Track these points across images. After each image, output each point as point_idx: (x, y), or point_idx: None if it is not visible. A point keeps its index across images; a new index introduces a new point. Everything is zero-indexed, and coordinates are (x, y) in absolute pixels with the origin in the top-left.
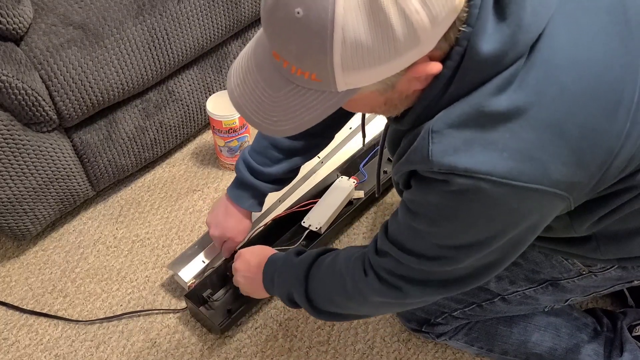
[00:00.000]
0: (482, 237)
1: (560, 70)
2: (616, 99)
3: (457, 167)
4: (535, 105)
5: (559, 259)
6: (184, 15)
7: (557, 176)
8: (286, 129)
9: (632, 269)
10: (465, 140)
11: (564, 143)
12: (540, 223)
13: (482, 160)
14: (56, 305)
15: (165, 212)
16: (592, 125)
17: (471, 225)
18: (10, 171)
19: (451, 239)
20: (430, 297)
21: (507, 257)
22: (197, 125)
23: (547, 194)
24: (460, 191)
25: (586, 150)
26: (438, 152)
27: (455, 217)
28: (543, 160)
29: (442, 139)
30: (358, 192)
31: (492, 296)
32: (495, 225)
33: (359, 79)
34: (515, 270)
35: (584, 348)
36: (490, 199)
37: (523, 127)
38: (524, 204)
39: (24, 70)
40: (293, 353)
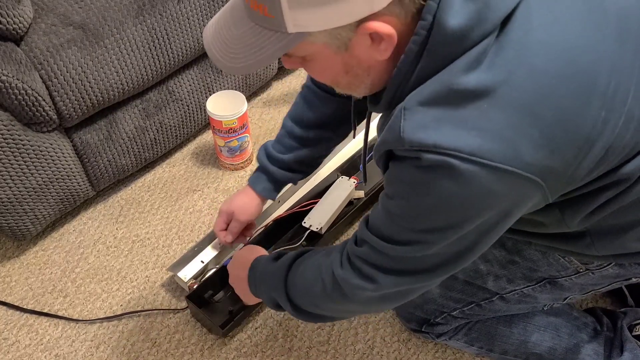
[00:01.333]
0: (453, 219)
1: (532, 53)
2: (590, 85)
3: (427, 143)
4: (504, 85)
5: (556, 257)
6: (184, 15)
7: (529, 159)
8: (240, 67)
9: (629, 266)
10: (435, 118)
11: (535, 125)
12: (513, 211)
13: (450, 137)
14: (56, 305)
15: (165, 212)
16: (565, 110)
17: (442, 204)
18: (10, 171)
19: (423, 221)
20: (403, 287)
21: (478, 245)
22: (197, 125)
23: (519, 178)
24: (430, 167)
25: (560, 135)
26: (409, 128)
27: (427, 195)
28: (513, 141)
29: (413, 115)
30: (358, 192)
31: (491, 295)
32: (466, 205)
33: (307, 20)
34: (512, 268)
35: (583, 348)
36: (460, 177)
37: (492, 107)
38: (495, 185)
39: (24, 70)
40: (293, 353)
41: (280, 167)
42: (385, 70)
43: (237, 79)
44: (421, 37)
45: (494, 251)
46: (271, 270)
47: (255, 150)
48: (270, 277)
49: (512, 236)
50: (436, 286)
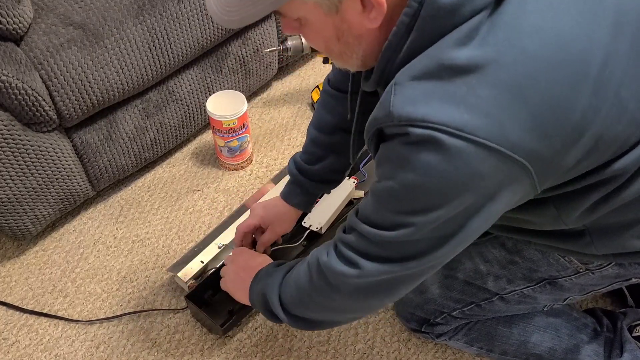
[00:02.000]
0: (437, 198)
1: (524, 36)
2: (581, 72)
3: (415, 117)
4: (494, 64)
5: (556, 257)
6: (184, 15)
7: (515, 139)
8: (234, 20)
9: (630, 265)
10: (424, 92)
11: (523, 107)
12: (499, 195)
13: (439, 111)
14: (56, 305)
15: (165, 212)
16: (555, 95)
17: (427, 181)
18: (10, 171)
19: (408, 202)
20: (388, 276)
21: (463, 232)
22: (197, 125)
23: (505, 158)
24: (417, 142)
25: (549, 120)
26: (398, 103)
27: (412, 171)
28: (500, 120)
29: (403, 90)
30: (358, 191)
31: (491, 295)
32: (451, 184)
33: None
34: (512, 269)
35: (583, 348)
36: (446, 153)
37: (481, 83)
38: (480, 165)
39: (24, 70)
40: (293, 353)
41: (312, 179)
42: (376, 42)
43: (237, 79)
44: (413, 9)
45: (493, 251)
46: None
47: (255, 150)
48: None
49: (512, 236)
50: (436, 286)
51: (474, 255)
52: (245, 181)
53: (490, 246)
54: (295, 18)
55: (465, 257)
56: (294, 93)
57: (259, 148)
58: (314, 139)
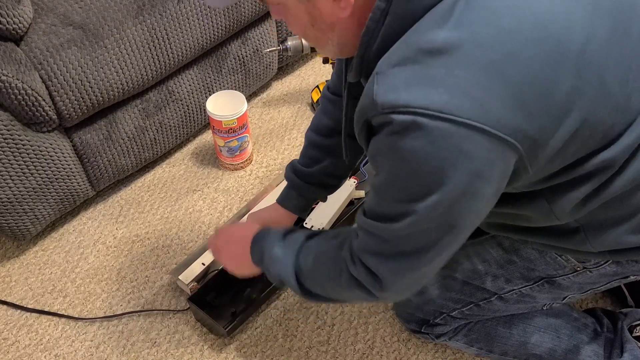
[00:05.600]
0: (430, 182)
1: (500, 14)
2: (562, 50)
3: (398, 103)
4: (471, 43)
5: (553, 256)
6: (184, 15)
7: (499, 117)
8: None
9: (627, 263)
10: (405, 79)
11: (504, 84)
12: (490, 174)
13: (419, 96)
14: (56, 305)
15: (165, 212)
16: (536, 72)
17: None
18: (10, 171)
19: (405, 189)
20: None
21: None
22: (197, 125)
23: (491, 136)
24: (402, 130)
25: (531, 96)
26: (381, 91)
27: (402, 159)
28: (481, 99)
29: (386, 79)
30: (359, 192)
31: (489, 295)
32: (440, 166)
33: None
34: (510, 268)
35: (583, 349)
36: (430, 136)
37: (458, 64)
38: (466, 143)
39: (24, 70)
40: (293, 353)
41: (308, 182)
42: (351, 31)
43: (237, 79)
44: None
45: (491, 251)
46: (279, 254)
47: (255, 150)
48: (279, 260)
49: (509, 235)
50: (435, 287)
51: (472, 255)
52: (245, 181)
53: (487, 246)
54: (276, 3)
55: (464, 258)
56: (293, 93)
57: (258, 148)
58: (311, 142)
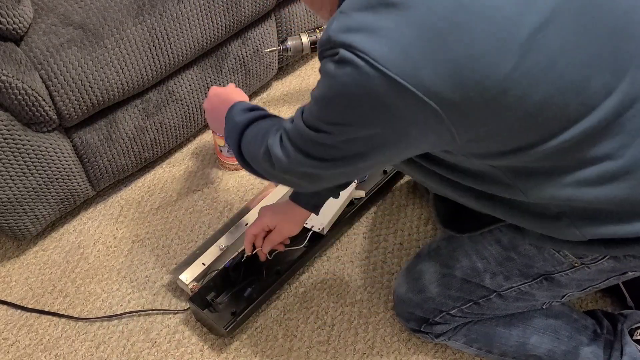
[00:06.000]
0: (349, 116)
1: None
2: (510, 32)
3: (344, 41)
4: (425, 6)
5: (551, 252)
6: (184, 15)
7: (427, 82)
8: None
9: (624, 258)
10: (359, 22)
11: (443, 53)
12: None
13: (364, 41)
14: (56, 305)
15: (165, 212)
16: (479, 48)
17: (341, 98)
18: (10, 171)
19: (326, 112)
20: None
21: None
22: (197, 125)
23: (416, 99)
24: (340, 62)
25: (467, 71)
26: (336, 28)
27: (330, 87)
28: (416, 60)
29: (344, 18)
30: (359, 192)
31: (488, 293)
32: (357, 106)
33: None
34: (509, 265)
35: (583, 350)
36: (360, 78)
37: (408, 22)
38: (390, 97)
39: (24, 70)
40: (293, 353)
41: None
42: None
43: (237, 79)
44: None
45: (489, 248)
46: (239, 119)
47: None
48: (236, 124)
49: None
50: (434, 285)
51: (470, 252)
52: (245, 181)
53: (486, 243)
54: None
55: (462, 255)
56: (294, 93)
57: None
58: None
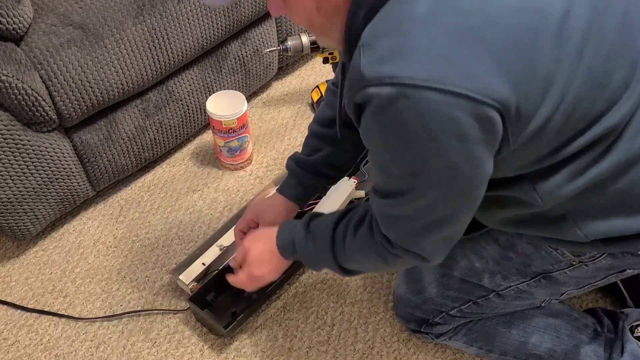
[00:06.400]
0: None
1: None
2: (541, 20)
3: (383, 75)
4: (452, 11)
5: (548, 250)
6: (184, 15)
7: (483, 82)
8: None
9: (622, 255)
10: (389, 49)
11: (486, 51)
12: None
13: (403, 66)
14: (56, 305)
15: (165, 212)
16: (517, 39)
17: (412, 138)
18: (10, 171)
19: (403, 163)
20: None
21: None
22: (197, 125)
23: (477, 102)
24: (389, 103)
25: (514, 64)
26: (367, 63)
27: (395, 133)
28: (463, 64)
29: (370, 51)
30: (359, 192)
31: (487, 292)
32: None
33: None
34: (507, 264)
35: (583, 349)
36: (418, 106)
37: (441, 32)
38: (453, 110)
39: (24, 70)
40: (293, 353)
41: (309, 171)
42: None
43: (237, 79)
44: None
45: (487, 247)
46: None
47: (255, 150)
48: (314, 254)
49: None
50: (433, 286)
51: (468, 252)
52: (245, 181)
53: (484, 242)
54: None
55: (461, 255)
56: (294, 93)
57: (259, 148)
58: (313, 132)
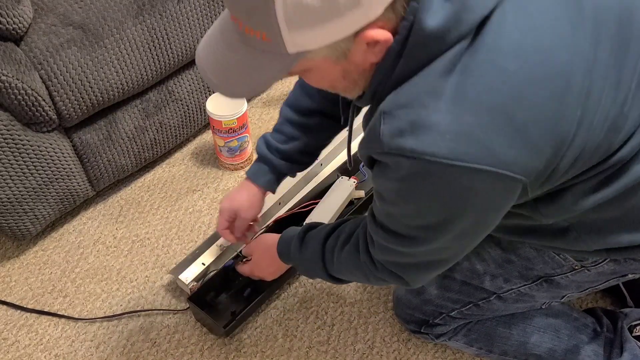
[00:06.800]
0: (441, 217)
1: (504, 55)
2: (564, 85)
3: (405, 148)
4: (478, 88)
5: (551, 254)
6: (184, 15)
7: (505, 157)
8: (240, 91)
9: (625, 261)
10: (411, 122)
11: (510, 126)
12: (499, 205)
13: (426, 142)
14: (56, 305)
15: (165, 212)
16: (540, 110)
17: (427, 205)
18: (10, 171)
19: (416, 220)
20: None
21: (475, 235)
22: (197, 125)
23: (498, 176)
24: (410, 174)
25: (536, 134)
26: (387, 133)
27: (412, 199)
28: (486, 142)
29: (391, 120)
30: (359, 192)
31: (488, 295)
32: (450, 205)
33: (306, 39)
34: (508, 267)
35: (583, 349)
36: (440, 180)
37: (465, 110)
38: (474, 184)
39: (24, 70)
40: (293, 353)
41: (282, 158)
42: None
43: None
44: (402, 36)
45: (489, 250)
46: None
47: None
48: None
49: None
50: (434, 287)
51: (470, 255)
52: None
53: (486, 245)
54: (307, 69)
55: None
56: None
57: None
58: (288, 119)
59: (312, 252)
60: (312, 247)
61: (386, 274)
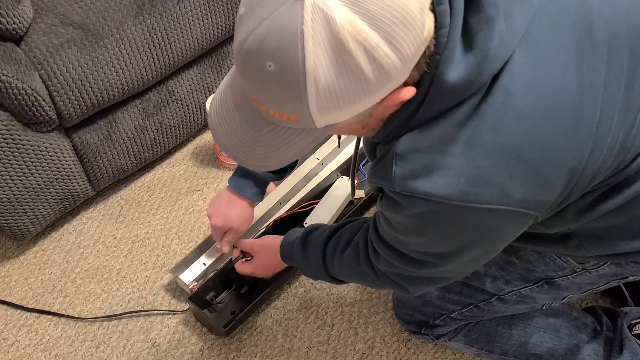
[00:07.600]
0: (452, 248)
1: (517, 96)
2: (575, 119)
3: (418, 190)
4: (492, 133)
5: (552, 257)
6: (184, 15)
7: (518, 196)
8: (271, 164)
9: (626, 264)
10: (424, 166)
11: (521, 166)
12: (510, 236)
13: (440, 185)
14: (56, 305)
15: (165, 212)
16: (552, 147)
17: (439, 239)
18: (10, 171)
19: (426, 249)
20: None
21: (483, 260)
22: (197, 125)
23: (511, 213)
24: (422, 213)
25: (547, 170)
26: (400, 175)
27: (423, 234)
28: (500, 183)
29: (405, 163)
30: (358, 192)
31: (489, 296)
32: (462, 239)
33: (336, 117)
34: (510, 269)
35: (583, 348)
36: (452, 219)
37: (480, 155)
38: (487, 221)
39: (24, 70)
40: (293, 353)
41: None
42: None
43: None
44: (425, 88)
45: None
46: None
47: None
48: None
49: None
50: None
51: None
52: None
53: None
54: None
55: None
56: None
57: None
58: None
59: (314, 256)
60: (314, 251)
61: (388, 283)
